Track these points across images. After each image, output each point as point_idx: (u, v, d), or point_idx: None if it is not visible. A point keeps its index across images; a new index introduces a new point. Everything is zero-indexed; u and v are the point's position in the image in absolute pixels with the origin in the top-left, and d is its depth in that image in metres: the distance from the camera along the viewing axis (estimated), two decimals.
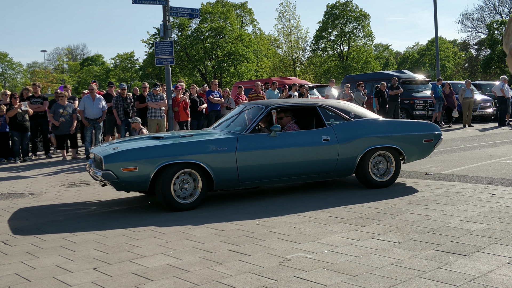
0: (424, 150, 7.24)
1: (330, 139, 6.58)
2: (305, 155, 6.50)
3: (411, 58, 63.17)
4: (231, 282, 3.51)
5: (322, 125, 6.77)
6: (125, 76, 57.43)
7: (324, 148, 6.55)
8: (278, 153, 6.37)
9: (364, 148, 6.70)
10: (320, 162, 6.56)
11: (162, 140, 6.28)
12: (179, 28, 47.70)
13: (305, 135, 6.64)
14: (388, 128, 6.99)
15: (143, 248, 4.43)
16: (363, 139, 6.71)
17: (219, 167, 6.09)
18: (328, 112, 6.87)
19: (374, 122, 7.03)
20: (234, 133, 6.43)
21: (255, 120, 6.54)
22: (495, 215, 5.12)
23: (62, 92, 12.50)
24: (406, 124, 7.34)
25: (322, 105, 6.94)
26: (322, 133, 6.63)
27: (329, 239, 4.52)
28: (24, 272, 3.87)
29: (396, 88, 18.42)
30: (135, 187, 6.03)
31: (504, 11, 53.28)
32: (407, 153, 7.00)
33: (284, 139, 6.47)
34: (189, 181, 6.05)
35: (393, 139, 6.88)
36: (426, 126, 7.31)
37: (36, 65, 72.21)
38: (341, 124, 6.77)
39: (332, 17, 51.13)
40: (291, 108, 7.13)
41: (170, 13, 13.08)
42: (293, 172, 6.51)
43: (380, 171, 6.94)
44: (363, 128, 6.81)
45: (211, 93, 14.42)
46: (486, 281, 3.35)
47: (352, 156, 6.67)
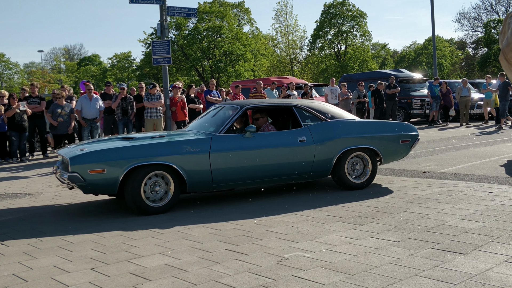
0: (400, 151, 7.16)
1: (306, 140, 6.46)
2: (280, 156, 6.36)
3: (408, 57, 63.28)
4: (229, 282, 3.51)
5: (298, 125, 6.66)
6: (122, 76, 57.36)
7: (300, 149, 6.42)
8: (253, 154, 6.21)
9: (340, 149, 6.60)
10: (296, 163, 6.43)
11: (132, 141, 6.10)
12: (176, 28, 47.70)
13: (280, 135, 6.50)
14: (364, 129, 6.91)
15: (140, 248, 4.42)
16: (340, 140, 6.61)
17: (192, 169, 5.91)
18: (304, 113, 6.77)
19: (351, 122, 6.92)
20: (208, 134, 6.25)
21: (230, 120, 6.38)
22: (492, 213, 5.12)
23: (60, 93, 12.47)
24: (383, 124, 7.25)
25: (298, 106, 6.82)
26: (298, 133, 6.50)
27: (327, 238, 4.52)
28: (22, 273, 3.86)
29: (394, 87, 18.44)
30: (104, 190, 5.84)
31: (501, 10, 53.39)
32: (384, 154, 6.91)
33: (259, 139, 6.32)
34: (160, 184, 5.86)
35: (370, 140, 6.79)
36: (403, 127, 7.22)
37: (33, 65, 72.11)
38: (317, 124, 6.67)
39: (329, 16, 51.16)
40: (266, 108, 7.04)
41: (167, 13, 13.06)
42: (269, 173, 6.37)
43: (356, 172, 6.84)
44: (339, 128, 6.69)
45: (209, 93, 14.41)
46: (484, 279, 3.36)
47: (328, 157, 6.56)
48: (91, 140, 7.10)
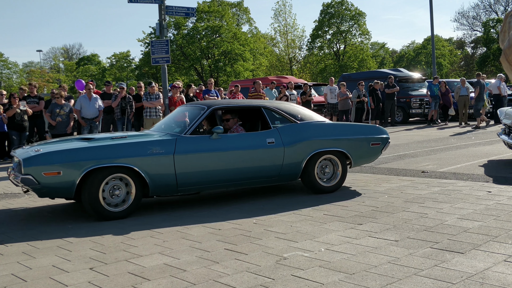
0: (371, 154, 7.04)
1: (275, 142, 6.29)
2: (248, 159, 6.18)
3: (407, 56, 63.30)
4: (228, 281, 3.51)
5: (268, 127, 6.49)
6: (121, 75, 57.33)
7: (269, 151, 6.25)
8: (220, 156, 6.03)
9: (310, 151, 6.44)
10: (264, 166, 6.26)
11: (91, 141, 5.81)
12: (175, 27, 47.67)
13: (248, 137, 6.32)
14: (334, 131, 6.74)
15: (139, 248, 4.42)
16: (309, 142, 6.45)
17: (155, 171, 5.67)
18: (273, 114, 6.59)
19: (321, 125, 6.77)
20: (172, 135, 6.02)
21: (196, 121, 6.15)
22: (491, 212, 5.13)
23: (59, 92, 12.46)
24: (353, 127, 7.11)
25: (268, 107, 6.64)
26: (267, 135, 6.32)
27: (326, 237, 4.52)
28: (20, 273, 3.85)
29: (392, 87, 18.45)
30: (60, 194, 5.54)
31: (500, 9, 53.43)
32: (354, 157, 6.77)
33: (226, 141, 6.12)
34: (120, 187, 5.60)
35: (340, 143, 6.65)
36: (374, 130, 7.07)
37: (32, 64, 71.98)
38: (286, 126, 6.51)
39: (328, 16, 51.18)
40: (235, 109, 6.86)
41: (166, 12, 13.06)
42: (236, 176, 6.17)
43: (326, 175, 6.69)
44: (309, 131, 6.55)
45: (207, 92, 14.41)
46: (483, 278, 3.36)
47: (297, 159, 6.40)
48: (50, 140, 6.79)
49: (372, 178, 7.67)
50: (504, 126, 8.77)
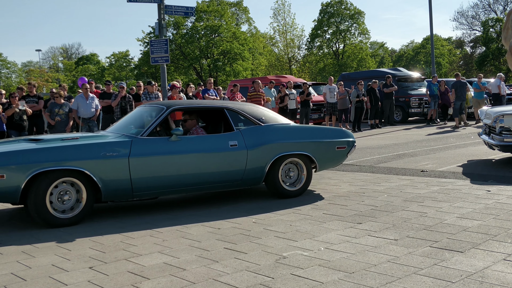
0: (336, 158, 6.85)
1: (238, 145, 6.05)
2: (209, 162, 5.92)
3: (406, 55, 63.32)
4: (228, 280, 3.51)
5: (231, 129, 6.24)
6: (120, 75, 57.31)
7: (231, 154, 6.01)
8: (179, 159, 5.76)
9: (274, 154, 6.23)
10: (226, 169, 6.02)
11: (39, 143, 5.49)
12: (174, 27, 47.65)
13: (210, 139, 6.09)
14: (299, 134, 6.54)
15: (139, 247, 4.42)
16: (273, 145, 6.24)
17: (108, 175, 5.36)
18: (237, 116, 6.38)
19: (285, 127, 6.55)
20: (128, 136, 5.72)
21: (154, 122, 5.88)
22: (490, 211, 5.14)
23: (58, 92, 12.45)
24: (319, 130, 6.90)
25: (231, 108, 6.40)
26: (229, 138, 6.08)
27: (326, 236, 4.53)
28: (20, 272, 3.85)
29: (390, 86, 18.45)
30: (4, 198, 5.17)
31: (499, 9, 53.47)
32: (319, 161, 6.58)
33: (186, 143, 5.86)
34: (70, 192, 5.27)
35: (305, 146, 6.46)
36: (339, 133, 6.91)
37: (31, 64, 71.94)
38: (250, 128, 6.28)
39: (327, 15, 51.20)
40: (195, 109, 6.64)
41: (165, 11, 13.06)
42: (196, 180, 5.90)
43: (291, 179, 6.49)
44: (273, 133, 6.33)
45: (206, 92, 14.41)
46: (482, 277, 3.37)
47: (261, 163, 6.17)
48: None
49: (371, 177, 7.68)
50: (485, 126, 8.80)
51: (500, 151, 8.17)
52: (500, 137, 7.85)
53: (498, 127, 7.91)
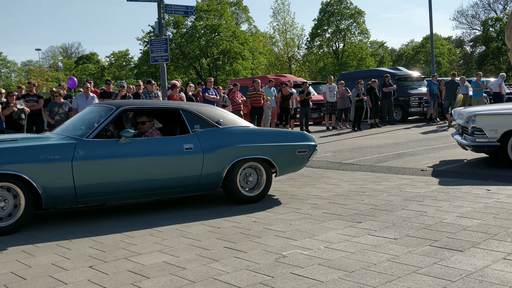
0: (297, 162, 6.57)
1: (194, 148, 5.75)
2: (161, 166, 5.59)
3: (406, 55, 63.34)
4: (228, 279, 3.51)
5: (186, 131, 5.94)
6: (120, 74, 57.31)
7: (186, 158, 5.71)
8: (128, 163, 5.41)
9: (232, 158, 5.94)
10: (181, 174, 5.70)
11: None
12: (174, 26, 47.65)
13: (163, 142, 5.74)
14: (259, 138, 6.23)
15: (139, 246, 4.42)
16: (231, 149, 5.95)
17: (49, 180, 4.99)
18: (193, 117, 6.03)
19: (244, 130, 6.27)
20: (73, 138, 5.33)
21: (102, 123, 5.51)
22: (490, 210, 5.14)
23: (58, 91, 12.45)
24: (279, 133, 6.57)
25: (187, 109, 6.07)
26: (184, 140, 5.77)
27: (325, 235, 4.53)
28: (20, 271, 3.85)
29: (389, 85, 18.45)
30: None
31: (499, 8, 53.47)
32: (279, 165, 6.30)
33: (136, 146, 5.51)
34: (7, 198, 4.90)
35: (264, 150, 6.16)
36: (300, 136, 6.62)
37: (31, 63, 71.97)
38: (207, 131, 5.98)
39: (327, 14, 51.18)
40: (148, 110, 6.26)
41: (165, 11, 13.06)
42: (147, 186, 5.56)
43: (250, 184, 6.19)
44: (231, 136, 6.05)
45: (206, 91, 14.41)
46: (482, 276, 3.37)
47: (218, 167, 5.88)
48: None
49: (371, 176, 7.68)
50: (458, 126, 8.80)
51: (473, 151, 8.17)
52: (472, 137, 7.84)
53: (470, 127, 7.90)
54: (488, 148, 7.90)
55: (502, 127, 7.66)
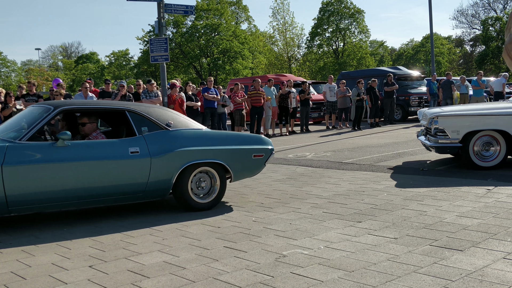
0: (253, 167, 6.24)
1: (140, 152, 5.38)
2: (104, 171, 5.21)
3: (406, 54, 63.34)
4: (228, 279, 3.51)
5: (133, 134, 5.58)
6: (120, 73, 57.32)
7: (132, 162, 5.33)
8: (66, 168, 5.01)
9: (182, 163, 5.58)
10: (125, 180, 5.34)
11: None
12: (174, 25, 47.65)
13: (105, 146, 5.34)
14: (212, 141, 5.91)
15: (139, 246, 4.42)
16: (182, 153, 5.59)
17: None
18: (140, 119, 5.64)
19: (196, 133, 5.92)
20: (4, 141, 4.96)
21: (37, 125, 5.12)
22: (490, 210, 5.14)
23: (58, 90, 12.45)
24: (234, 136, 6.24)
25: (133, 110, 5.68)
26: (129, 144, 5.39)
27: (325, 235, 4.53)
28: (20, 270, 3.85)
29: (392, 85, 18.46)
30: None
31: (499, 7, 53.47)
32: (234, 170, 5.96)
33: (75, 150, 5.11)
34: None
35: (218, 154, 5.84)
36: (256, 140, 6.31)
37: (31, 63, 72.00)
38: (155, 134, 5.61)
39: (327, 14, 51.17)
40: (91, 111, 5.82)
41: (165, 10, 13.06)
42: (88, 193, 5.19)
43: (202, 190, 5.85)
44: (182, 139, 5.69)
45: (206, 90, 14.41)
46: (482, 276, 3.37)
47: (167, 173, 5.53)
48: None
49: (371, 176, 7.68)
50: (423, 127, 8.78)
51: (436, 152, 8.16)
52: (435, 138, 7.82)
53: (433, 128, 7.88)
54: (450, 149, 7.88)
55: (464, 128, 7.63)
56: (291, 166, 9.15)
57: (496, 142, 7.69)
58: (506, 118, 7.61)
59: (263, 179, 7.77)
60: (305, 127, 17.05)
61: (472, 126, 7.63)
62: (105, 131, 6.24)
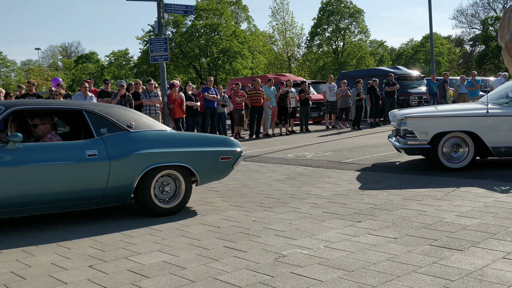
0: (220, 170, 6.01)
1: (98, 155, 5.10)
2: (58, 176, 4.92)
3: (405, 54, 63.32)
4: (227, 279, 3.51)
5: (91, 136, 5.29)
6: (120, 73, 57.32)
7: (89, 165, 5.05)
8: (17, 172, 4.73)
9: (144, 166, 5.32)
10: (82, 184, 5.05)
11: None
12: (173, 25, 47.64)
13: (60, 148, 5.06)
14: (177, 143, 5.66)
15: (139, 246, 4.42)
16: (144, 155, 5.33)
17: None
18: (99, 120, 5.35)
19: (159, 134, 5.66)
20: None
21: None
22: (490, 210, 5.14)
23: (58, 90, 12.45)
24: (200, 138, 6.03)
25: (91, 110, 5.38)
26: (87, 146, 5.11)
27: (325, 235, 4.53)
28: (20, 270, 3.86)
29: (393, 85, 18.47)
30: None
31: (498, 7, 53.45)
32: (200, 173, 5.73)
33: (27, 153, 4.82)
34: None
35: (183, 156, 5.59)
36: (224, 142, 6.08)
37: (30, 63, 71.98)
38: (115, 135, 5.33)
39: (326, 13, 51.18)
40: (45, 111, 5.52)
41: (165, 10, 13.07)
42: (41, 198, 4.91)
43: (166, 194, 5.62)
44: (144, 141, 5.43)
45: (206, 90, 14.41)
46: (482, 275, 3.37)
47: (128, 176, 5.27)
48: None
49: (371, 175, 7.68)
50: (393, 128, 8.77)
51: (406, 154, 8.14)
52: (404, 140, 7.82)
53: (402, 129, 7.88)
54: (419, 151, 7.84)
55: (433, 129, 7.62)
56: (291, 166, 9.16)
57: (464, 143, 7.69)
58: (474, 119, 7.61)
59: (263, 179, 7.77)
60: (304, 127, 17.05)
61: (441, 128, 7.62)
62: (62, 133, 5.99)
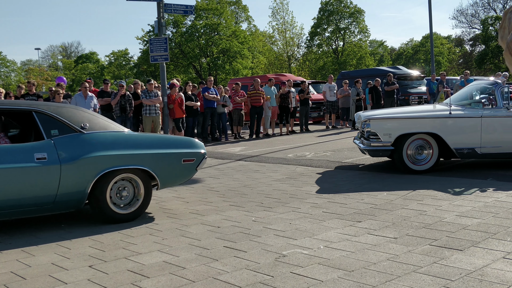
0: (183, 173, 5.75)
1: (48, 158, 4.81)
2: (5, 181, 4.64)
3: (405, 54, 63.32)
4: (227, 279, 3.51)
5: (41, 138, 4.99)
6: (120, 73, 57.31)
7: (38, 170, 4.76)
8: None
9: (99, 170, 5.04)
10: (30, 190, 4.77)
11: None
12: (173, 25, 47.62)
13: (6, 151, 4.76)
14: (135, 144, 5.37)
15: (139, 246, 4.42)
16: (98, 158, 5.04)
17: None
18: (50, 120, 5.06)
19: (116, 136, 5.35)
20: None
21: None
22: (490, 210, 5.14)
23: (57, 89, 12.44)
24: (161, 140, 5.76)
25: (41, 110, 5.07)
26: (35, 149, 4.81)
27: (325, 235, 4.53)
28: (20, 270, 3.86)
29: (392, 84, 18.47)
30: None
31: (498, 7, 53.44)
32: (161, 176, 5.46)
33: None
34: None
35: (142, 159, 5.31)
36: (186, 143, 5.81)
37: (30, 63, 71.96)
38: (66, 137, 5.04)
39: (326, 13, 51.14)
40: None
41: (165, 10, 13.06)
42: None
43: (124, 199, 5.34)
44: (99, 143, 5.14)
45: (206, 90, 14.41)
46: (482, 275, 3.37)
47: (81, 181, 4.99)
48: None
49: (371, 175, 7.68)
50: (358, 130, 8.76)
51: (370, 155, 8.13)
52: (368, 141, 7.82)
53: (366, 131, 7.89)
54: (383, 153, 7.85)
55: (396, 131, 7.63)
56: (291, 165, 9.16)
57: (428, 145, 7.68)
58: (437, 121, 7.61)
59: (263, 179, 7.77)
60: (304, 127, 17.04)
61: (404, 129, 7.62)
62: (12, 135, 5.79)
